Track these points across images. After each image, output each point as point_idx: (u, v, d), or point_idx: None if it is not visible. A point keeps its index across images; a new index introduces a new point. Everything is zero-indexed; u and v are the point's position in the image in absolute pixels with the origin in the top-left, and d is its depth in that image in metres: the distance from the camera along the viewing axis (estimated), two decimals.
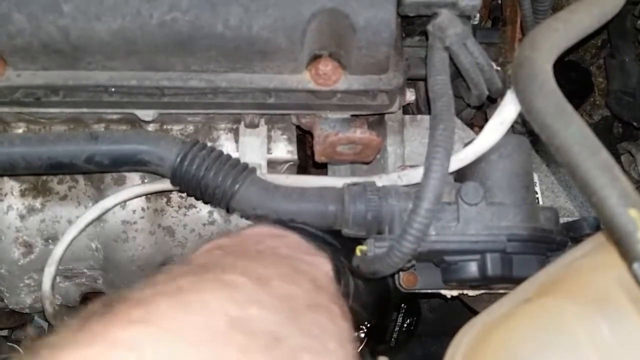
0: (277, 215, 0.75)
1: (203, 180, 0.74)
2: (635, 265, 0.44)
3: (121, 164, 0.77)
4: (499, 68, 0.82)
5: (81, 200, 0.88)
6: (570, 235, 0.77)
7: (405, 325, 1.08)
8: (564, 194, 0.99)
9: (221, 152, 0.77)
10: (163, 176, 0.80)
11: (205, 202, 0.86)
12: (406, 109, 0.97)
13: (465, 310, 0.96)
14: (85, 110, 0.83)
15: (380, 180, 0.80)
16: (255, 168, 0.79)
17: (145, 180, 0.86)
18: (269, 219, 0.75)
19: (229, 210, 0.78)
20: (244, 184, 0.75)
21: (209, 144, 0.87)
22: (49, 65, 0.76)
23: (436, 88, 0.71)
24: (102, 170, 0.84)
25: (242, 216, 0.83)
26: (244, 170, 0.76)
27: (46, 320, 0.95)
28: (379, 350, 0.85)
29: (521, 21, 0.93)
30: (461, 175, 0.78)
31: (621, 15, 1.05)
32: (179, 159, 0.75)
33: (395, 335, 1.06)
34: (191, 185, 0.75)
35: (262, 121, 0.88)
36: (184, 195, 0.87)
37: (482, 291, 0.84)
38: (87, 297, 1.00)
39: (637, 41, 1.13)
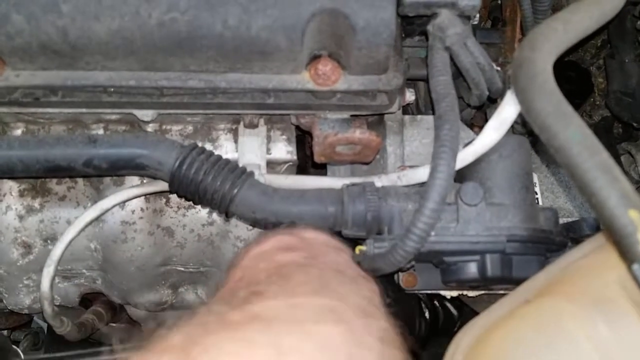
0: (276, 218, 0.75)
1: (201, 184, 0.74)
2: (635, 266, 0.44)
3: (119, 168, 0.77)
4: (499, 68, 0.82)
5: (80, 201, 0.88)
6: (569, 236, 0.77)
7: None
8: (563, 195, 0.99)
9: (220, 157, 0.77)
10: (162, 180, 0.79)
11: (204, 207, 0.86)
12: (406, 109, 0.97)
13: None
14: (84, 110, 0.82)
15: (380, 181, 0.80)
16: (254, 171, 0.79)
17: (144, 181, 0.86)
18: (268, 222, 0.75)
19: (227, 215, 0.77)
20: (242, 187, 0.74)
21: (208, 145, 0.87)
22: (48, 66, 0.76)
23: (439, 88, 0.71)
24: (100, 174, 0.84)
25: (241, 219, 0.83)
26: (242, 174, 0.76)
27: (45, 321, 0.95)
28: None
29: (521, 21, 0.93)
30: (461, 175, 0.78)
31: (621, 15, 1.05)
32: (177, 163, 0.75)
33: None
34: (190, 190, 0.75)
35: (262, 121, 0.88)
36: None
37: (482, 292, 0.84)
38: (86, 298, 1.00)
39: (637, 42, 1.13)
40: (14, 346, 1.24)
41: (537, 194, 0.94)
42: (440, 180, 0.65)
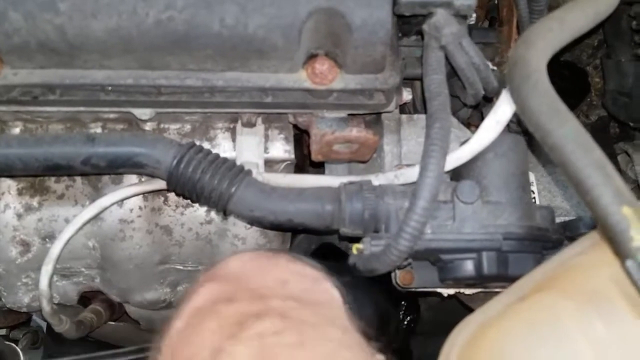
0: (274, 216, 0.75)
1: (199, 183, 0.74)
2: (628, 263, 0.45)
3: (118, 166, 0.77)
4: (495, 67, 0.82)
5: (78, 199, 0.88)
6: (566, 234, 0.77)
7: (405, 322, 1.08)
8: (560, 194, 0.99)
9: (217, 155, 0.77)
10: (159, 178, 0.80)
11: (202, 205, 0.86)
12: (403, 109, 0.97)
13: (461, 309, 0.96)
14: (82, 109, 0.83)
15: (377, 179, 0.80)
16: (252, 170, 0.79)
17: (143, 179, 0.86)
18: (266, 220, 0.75)
19: (225, 213, 0.78)
20: (240, 186, 0.75)
21: (206, 143, 0.87)
22: (46, 64, 0.76)
23: (432, 87, 0.71)
24: (98, 172, 0.84)
25: (239, 218, 0.83)
26: (240, 172, 0.76)
27: (44, 320, 0.95)
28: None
29: (517, 21, 0.93)
30: (457, 174, 0.78)
31: (617, 15, 1.06)
32: (175, 162, 0.75)
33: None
34: (187, 188, 0.76)
35: (259, 120, 0.88)
36: None
37: (478, 289, 0.84)
38: (85, 296, 1.01)
39: (632, 41, 1.14)
40: (13, 344, 1.24)
41: (534, 192, 0.94)
42: (430, 179, 0.66)
